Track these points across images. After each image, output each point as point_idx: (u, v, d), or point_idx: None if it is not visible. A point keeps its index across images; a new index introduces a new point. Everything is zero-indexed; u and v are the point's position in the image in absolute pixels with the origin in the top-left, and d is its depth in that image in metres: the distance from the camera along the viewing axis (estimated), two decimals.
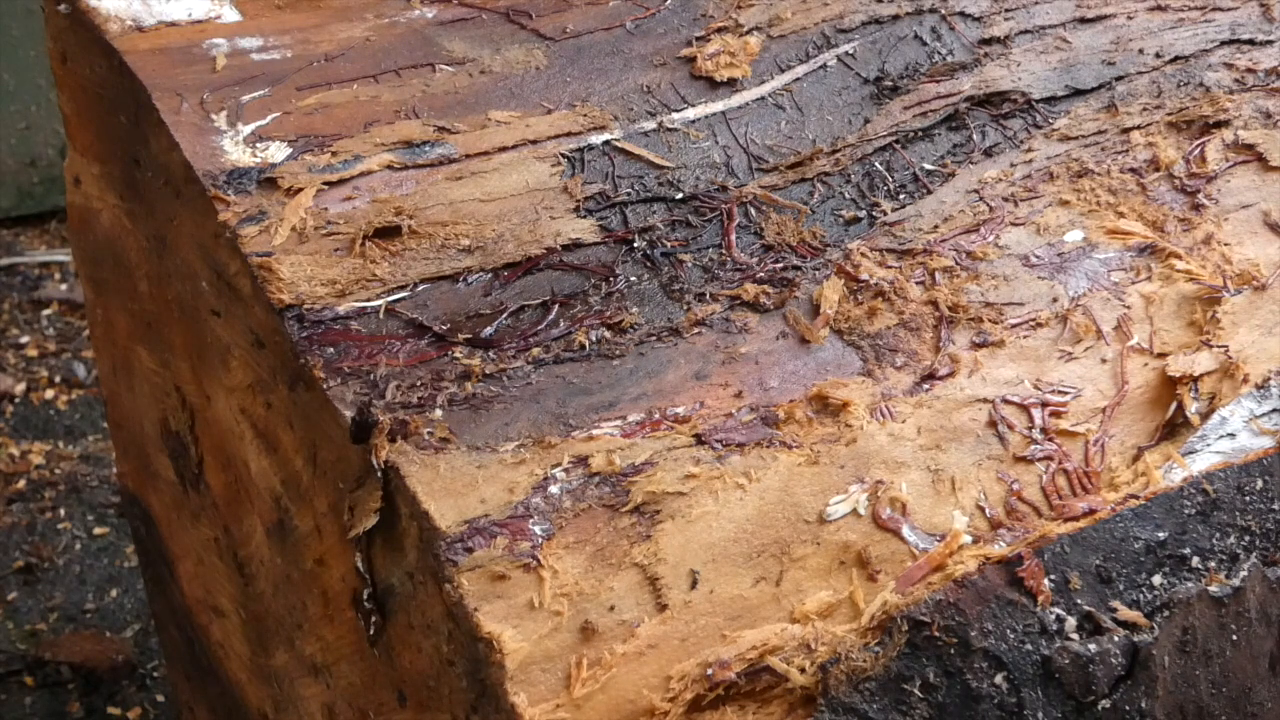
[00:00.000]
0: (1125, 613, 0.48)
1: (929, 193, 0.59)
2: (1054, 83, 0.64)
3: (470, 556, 0.44)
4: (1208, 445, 0.52)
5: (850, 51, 0.64)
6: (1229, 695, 0.50)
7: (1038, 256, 0.57)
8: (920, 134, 0.61)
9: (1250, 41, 0.67)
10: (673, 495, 0.47)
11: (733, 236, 0.56)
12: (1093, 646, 0.47)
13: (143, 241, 0.61)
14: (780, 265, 0.55)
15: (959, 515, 0.49)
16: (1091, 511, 0.50)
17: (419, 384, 0.48)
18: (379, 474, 0.46)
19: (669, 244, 0.55)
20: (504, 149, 0.57)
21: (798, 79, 0.62)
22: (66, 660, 1.10)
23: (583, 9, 0.64)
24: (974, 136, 0.61)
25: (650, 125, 0.59)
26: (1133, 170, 0.60)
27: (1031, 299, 0.55)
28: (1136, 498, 0.50)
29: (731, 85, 0.61)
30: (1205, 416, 0.53)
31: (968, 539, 0.49)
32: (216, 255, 0.54)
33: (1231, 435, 0.52)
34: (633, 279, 0.53)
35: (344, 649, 0.54)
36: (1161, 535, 0.50)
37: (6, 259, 1.63)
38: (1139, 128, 0.62)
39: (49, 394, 1.42)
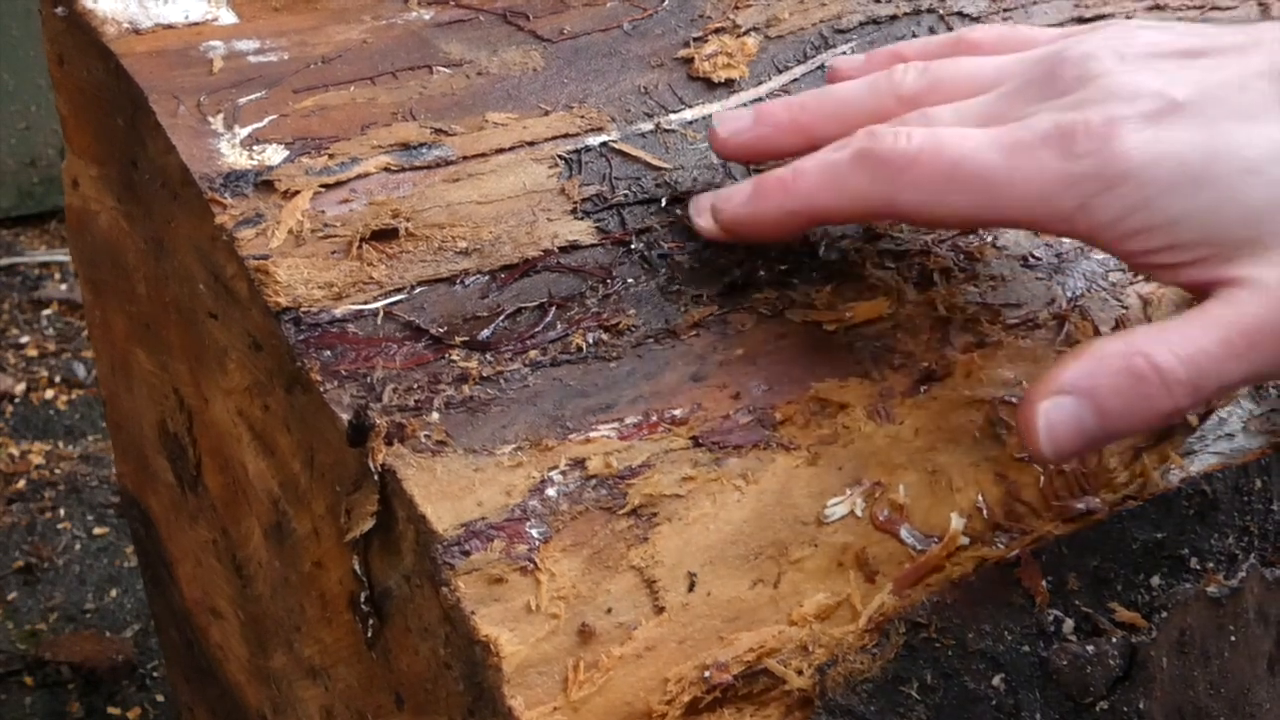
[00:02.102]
0: (1123, 613, 0.48)
1: None
2: None
3: (467, 559, 0.44)
4: (1206, 446, 0.52)
5: (848, 52, 0.64)
6: (1227, 696, 0.50)
7: (1035, 257, 0.57)
8: None
9: None
10: (670, 497, 0.47)
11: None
12: (1090, 648, 0.47)
13: (140, 244, 0.61)
14: (778, 267, 0.55)
15: (956, 517, 0.49)
16: (1089, 512, 0.50)
17: (416, 387, 0.48)
18: (376, 477, 0.46)
19: (666, 246, 0.55)
20: (501, 151, 0.57)
21: (795, 80, 0.62)
22: (66, 660, 1.10)
23: (580, 10, 0.64)
24: None
25: (648, 126, 0.59)
26: None
27: (1029, 300, 0.55)
28: (1134, 499, 0.50)
29: (729, 86, 0.61)
30: (1203, 417, 0.53)
31: (965, 540, 0.49)
32: (214, 258, 0.54)
33: (1230, 436, 0.53)
34: (630, 281, 0.53)
35: (342, 651, 0.54)
36: (1159, 536, 0.50)
37: (6, 259, 1.63)
38: None
39: (49, 394, 1.42)
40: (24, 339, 1.50)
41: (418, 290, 0.51)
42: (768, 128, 0.54)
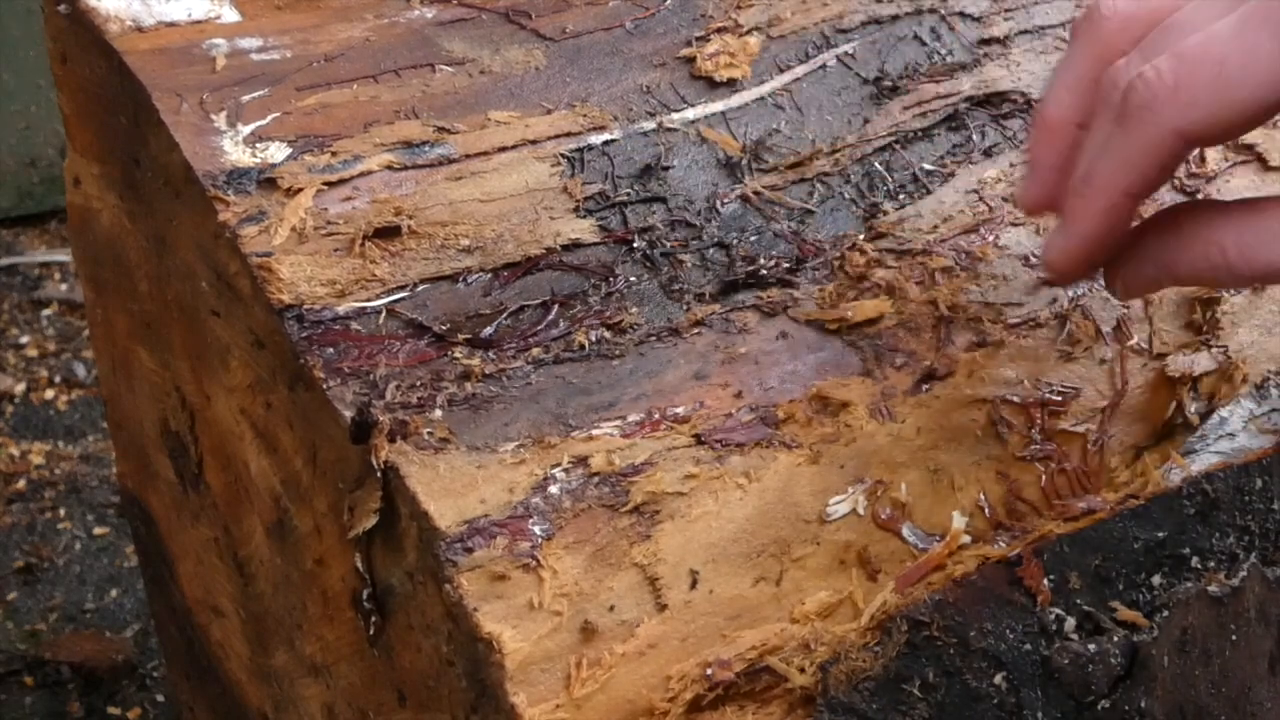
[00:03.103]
0: (1124, 613, 0.48)
1: (929, 193, 0.59)
2: None
3: (470, 557, 0.44)
4: (1207, 445, 0.52)
5: (850, 51, 0.64)
6: (1228, 695, 0.50)
7: (1037, 256, 0.57)
8: (920, 134, 0.61)
9: None
10: (672, 495, 0.47)
11: (733, 236, 0.56)
12: (1092, 646, 0.47)
13: (143, 242, 0.62)
14: (780, 265, 0.55)
15: (958, 515, 0.49)
16: (1091, 511, 0.50)
17: (419, 384, 0.48)
18: (379, 474, 0.46)
19: (668, 244, 0.55)
20: (504, 149, 0.57)
21: (797, 79, 0.62)
22: (66, 660, 1.10)
23: (582, 9, 0.64)
24: (974, 136, 0.61)
25: (650, 125, 0.59)
26: None
27: (1031, 299, 0.55)
28: (1136, 498, 0.50)
29: (731, 85, 0.61)
30: (1204, 417, 0.53)
31: (967, 539, 0.49)
32: (216, 255, 0.54)
33: (1231, 435, 0.53)
34: (632, 279, 0.53)
35: (344, 649, 0.54)
36: (1161, 535, 0.50)
37: (6, 259, 1.63)
38: None
39: (49, 394, 1.42)
40: (24, 339, 1.50)
41: (420, 288, 0.52)
42: (1038, 174, 0.50)
